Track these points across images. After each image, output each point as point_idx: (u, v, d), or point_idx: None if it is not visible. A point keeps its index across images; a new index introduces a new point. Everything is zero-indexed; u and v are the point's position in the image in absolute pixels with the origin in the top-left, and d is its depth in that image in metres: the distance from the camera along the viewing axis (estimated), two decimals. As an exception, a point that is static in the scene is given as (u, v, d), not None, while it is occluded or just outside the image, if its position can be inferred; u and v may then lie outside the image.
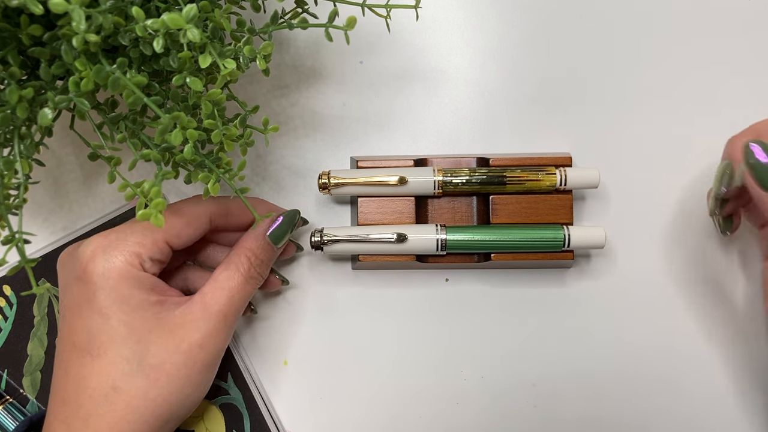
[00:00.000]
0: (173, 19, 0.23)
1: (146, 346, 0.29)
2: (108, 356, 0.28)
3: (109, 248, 0.29)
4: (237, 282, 0.31)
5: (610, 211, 0.39)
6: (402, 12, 0.31)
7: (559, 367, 0.38)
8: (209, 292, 0.31)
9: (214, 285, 0.31)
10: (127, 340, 0.29)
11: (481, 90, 0.40)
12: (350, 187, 0.36)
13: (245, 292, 0.32)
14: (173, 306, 0.30)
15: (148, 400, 0.28)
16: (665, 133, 0.39)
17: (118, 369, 0.28)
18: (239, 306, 0.32)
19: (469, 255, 0.36)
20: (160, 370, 0.29)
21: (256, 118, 0.36)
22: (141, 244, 0.30)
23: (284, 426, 0.37)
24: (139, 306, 0.29)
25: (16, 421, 0.35)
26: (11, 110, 0.24)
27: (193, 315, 0.30)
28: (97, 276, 0.29)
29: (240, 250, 0.32)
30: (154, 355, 0.29)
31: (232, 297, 0.31)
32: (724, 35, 0.39)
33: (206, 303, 0.30)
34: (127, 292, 0.29)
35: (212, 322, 0.30)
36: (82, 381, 0.28)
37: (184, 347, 0.29)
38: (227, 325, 0.31)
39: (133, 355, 0.29)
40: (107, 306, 0.29)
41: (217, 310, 0.30)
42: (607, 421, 0.37)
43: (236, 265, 0.32)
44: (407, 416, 0.38)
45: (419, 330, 0.38)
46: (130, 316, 0.29)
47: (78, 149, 0.39)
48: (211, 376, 0.32)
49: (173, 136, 0.25)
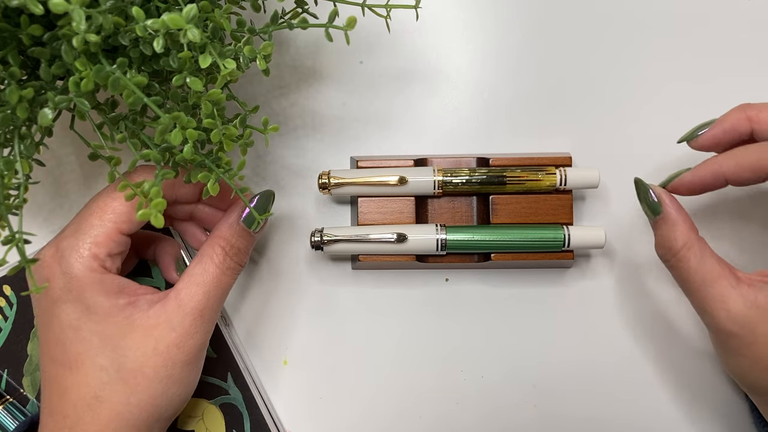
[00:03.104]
0: (173, 19, 0.23)
1: (122, 352, 0.28)
2: (85, 367, 0.28)
3: (63, 258, 0.28)
4: (212, 275, 0.30)
5: (610, 211, 0.39)
6: (402, 12, 0.31)
7: (559, 367, 0.38)
8: (183, 288, 0.30)
9: (188, 280, 0.30)
10: (102, 349, 0.28)
11: (481, 90, 0.40)
12: (350, 187, 0.36)
13: (222, 285, 0.31)
14: (146, 305, 0.29)
15: (131, 405, 0.28)
16: (665, 133, 0.39)
17: (97, 378, 0.28)
18: (217, 299, 0.30)
19: (469, 255, 0.36)
20: (139, 374, 0.28)
21: (256, 118, 0.36)
22: (95, 243, 0.28)
23: (284, 426, 0.37)
24: (108, 313, 0.28)
25: (16, 421, 0.35)
26: (11, 110, 0.24)
27: (167, 314, 0.29)
28: (59, 290, 0.28)
29: (213, 240, 0.31)
30: (132, 360, 0.28)
31: (208, 291, 0.30)
32: (725, 36, 0.39)
33: (181, 300, 0.29)
34: (93, 300, 0.28)
35: (188, 320, 0.29)
36: (65, 392, 0.28)
37: (161, 348, 0.29)
38: (204, 321, 0.30)
39: (110, 363, 0.28)
40: (75, 318, 0.28)
41: (192, 307, 0.29)
42: (607, 421, 0.37)
43: (210, 257, 0.30)
44: (407, 416, 0.38)
45: (419, 330, 0.38)
46: (101, 325, 0.28)
47: (78, 149, 0.39)
48: (195, 371, 0.31)
49: (173, 136, 0.25)
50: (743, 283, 0.30)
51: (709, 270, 0.30)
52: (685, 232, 0.31)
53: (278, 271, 0.38)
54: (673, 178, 0.33)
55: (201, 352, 0.31)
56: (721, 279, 0.30)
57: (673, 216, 0.31)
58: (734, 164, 0.30)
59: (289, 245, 0.39)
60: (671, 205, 0.31)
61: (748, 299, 0.29)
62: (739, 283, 0.30)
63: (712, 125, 0.32)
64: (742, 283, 0.30)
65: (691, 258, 0.30)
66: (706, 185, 0.32)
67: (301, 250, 0.39)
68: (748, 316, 0.29)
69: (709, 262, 0.30)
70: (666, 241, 0.31)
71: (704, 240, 0.31)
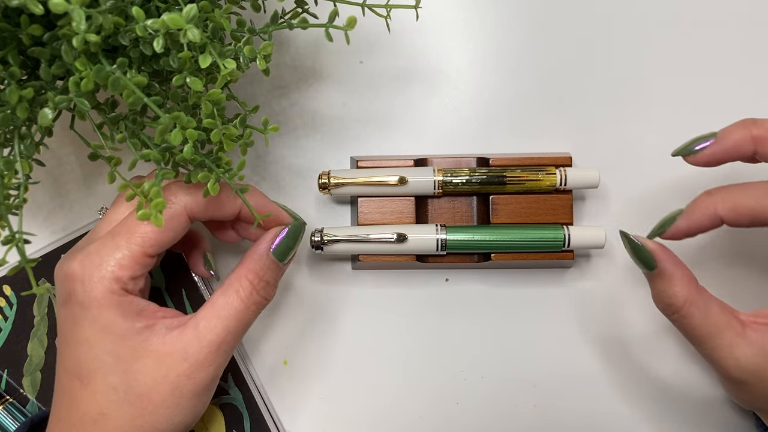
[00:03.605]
0: (173, 19, 0.23)
1: (133, 375, 0.28)
2: (96, 384, 0.28)
3: (86, 276, 0.28)
4: (235, 309, 0.29)
5: (610, 211, 0.39)
6: (402, 12, 0.31)
7: (559, 367, 0.38)
8: (203, 319, 0.29)
9: (210, 311, 0.29)
10: (114, 369, 0.28)
11: (481, 90, 0.40)
12: (350, 187, 0.36)
13: (245, 320, 0.30)
14: (163, 331, 0.29)
15: (135, 427, 0.28)
16: (665, 133, 0.39)
17: (105, 396, 0.28)
18: (237, 335, 0.29)
19: (469, 255, 0.36)
20: (147, 399, 0.28)
21: (256, 118, 0.36)
22: (119, 265, 0.28)
23: (284, 426, 0.37)
24: (124, 335, 0.28)
25: (16, 421, 0.35)
26: (11, 110, 0.24)
27: (183, 344, 0.28)
28: (78, 306, 0.28)
29: (241, 272, 0.30)
30: (141, 384, 0.28)
31: (228, 326, 0.29)
32: (725, 36, 0.39)
33: (199, 331, 0.28)
34: (111, 321, 0.28)
35: (203, 353, 0.28)
36: (74, 403, 0.28)
37: (172, 377, 0.28)
38: (220, 355, 0.29)
39: (119, 383, 0.28)
40: (91, 336, 0.28)
41: (210, 340, 0.28)
42: (607, 421, 0.37)
43: (236, 290, 0.29)
44: (407, 416, 0.38)
45: (419, 330, 0.38)
46: (115, 345, 0.28)
47: (78, 149, 0.39)
48: (203, 401, 0.30)
49: (173, 136, 0.25)
50: (748, 329, 0.29)
51: (714, 323, 0.29)
52: (685, 286, 0.29)
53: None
54: (665, 225, 0.30)
55: (212, 384, 0.30)
56: (727, 329, 0.28)
57: (669, 271, 0.29)
58: (731, 208, 0.29)
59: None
60: (667, 259, 0.30)
61: (755, 346, 0.28)
62: (744, 329, 0.29)
63: (713, 141, 0.30)
64: (748, 328, 0.29)
65: (694, 314, 0.29)
66: (702, 229, 0.30)
67: (301, 250, 0.39)
68: (757, 363, 0.28)
69: (714, 314, 0.29)
70: (665, 297, 0.30)
71: (705, 290, 0.30)
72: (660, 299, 0.30)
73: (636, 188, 0.39)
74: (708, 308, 0.29)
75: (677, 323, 0.30)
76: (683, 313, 0.29)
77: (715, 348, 0.29)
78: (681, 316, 0.29)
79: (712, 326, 0.29)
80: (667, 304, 0.30)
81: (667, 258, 0.30)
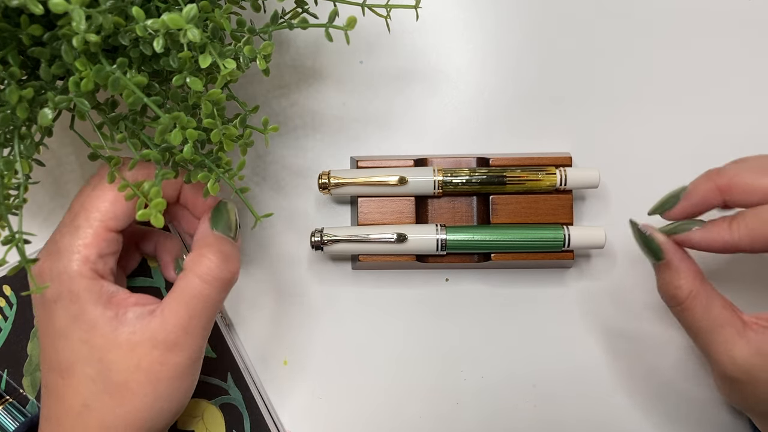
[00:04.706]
0: (173, 19, 0.23)
1: (107, 365, 0.28)
2: (76, 376, 0.28)
3: (54, 264, 0.28)
4: (194, 289, 0.29)
5: (610, 211, 0.39)
6: (402, 12, 0.31)
7: (559, 367, 0.38)
8: (167, 303, 0.29)
9: (172, 295, 0.29)
10: (90, 360, 0.28)
11: (481, 90, 0.40)
12: (350, 187, 0.36)
13: (208, 298, 0.29)
14: (132, 319, 0.28)
15: (118, 417, 0.28)
16: (665, 133, 0.39)
17: (86, 388, 0.28)
18: (203, 313, 0.29)
19: (469, 255, 0.36)
20: (125, 388, 0.28)
21: (256, 118, 0.36)
22: (84, 244, 0.28)
23: (284, 426, 0.37)
24: (96, 323, 0.28)
25: (15, 421, 0.35)
26: (11, 110, 0.24)
27: (151, 331, 0.28)
28: (51, 297, 0.28)
29: (195, 252, 0.30)
30: (116, 373, 0.28)
31: (192, 307, 0.28)
32: (725, 36, 0.39)
33: (164, 316, 0.28)
34: (82, 308, 0.28)
35: (171, 337, 0.28)
36: (59, 398, 0.28)
37: (144, 365, 0.28)
38: (190, 337, 0.28)
39: (97, 374, 0.28)
40: (66, 326, 0.28)
41: (174, 324, 0.28)
42: (607, 422, 0.37)
43: (191, 270, 0.29)
44: (407, 416, 0.38)
45: (419, 330, 0.38)
46: (89, 334, 0.28)
47: (78, 149, 0.39)
48: (185, 384, 0.30)
49: (173, 136, 0.25)
50: (749, 329, 0.29)
51: (715, 318, 0.29)
52: (690, 280, 0.30)
53: (278, 271, 0.38)
54: (679, 230, 0.31)
55: (191, 367, 0.29)
56: (727, 326, 0.29)
57: (675, 263, 0.30)
58: (749, 238, 0.28)
59: (289, 245, 0.39)
60: (674, 252, 0.30)
61: (753, 346, 0.28)
62: (745, 329, 0.29)
63: (682, 198, 0.31)
64: (748, 328, 0.29)
65: (696, 307, 0.29)
66: (712, 249, 0.30)
67: (302, 250, 0.39)
68: (753, 363, 0.28)
69: (716, 309, 0.29)
70: (670, 289, 0.30)
71: (710, 285, 0.30)
72: (665, 290, 0.31)
73: (636, 188, 0.39)
74: (711, 303, 0.29)
75: (679, 315, 0.30)
76: (686, 305, 0.29)
77: (713, 343, 0.29)
78: (683, 308, 0.30)
79: (713, 321, 0.29)
80: (671, 296, 0.30)
81: (675, 250, 0.30)
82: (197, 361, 0.30)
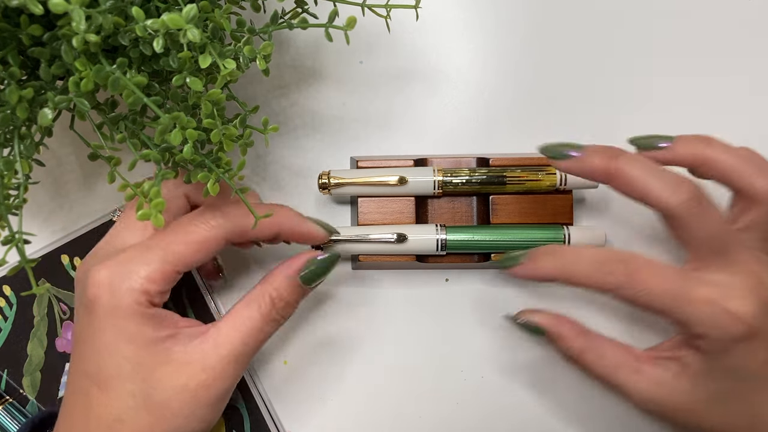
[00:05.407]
0: (173, 19, 0.23)
1: (152, 383, 0.28)
2: (114, 390, 0.28)
3: (115, 285, 0.28)
4: (255, 323, 0.30)
5: (610, 211, 0.39)
6: (402, 12, 0.31)
7: (560, 367, 0.38)
8: (224, 330, 0.29)
9: (230, 322, 0.30)
10: (134, 377, 0.28)
11: (481, 90, 0.40)
12: (350, 187, 0.36)
13: (263, 335, 0.30)
14: (185, 340, 0.29)
15: None
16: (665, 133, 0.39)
17: (123, 403, 0.28)
18: (253, 348, 0.30)
19: (469, 255, 0.36)
20: (166, 407, 0.28)
21: (256, 118, 0.36)
22: (149, 279, 0.28)
23: (284, 426, 0.37)
24: (147, 344, 0.28)
25: (15, 421, 0.35)
26: (11, 110, 0.24)
27: (203, 353, 0.29)
28: (104, 312, 0.28)
29: (265, 288, 0.31)
30: (160, 392, 0.28)
31: (246, 340, 0.29)
32: (725, 35, 0.39)
33: (218, 343, 0.29)
34: (134, 329, 0.28)
35: (222, 364, 0.29)
36: (89, 409, 0.28)
37: (191, 386, 0.28)
38: (237, 367, 0.30)
39: (139, 391, 0.28)
40: (113, 343, 0.28)
41: (228, 352, 0.29)
42: (607, 422, 0.37)
43: (258, 305, 0.30)
44: (407, 416, 0.38)
45: (419, 330, 0.38)
46: (137, 353, 0.28)
47: (78, 149, 0.39)
48: (216, 412, 0.30)
49: (173, 136, 0.25)
50: (644, 364, 0.31)
51: (608, 364, 0.31)
52: (574, 340, 0.32)
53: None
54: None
55: (226, 395, 0.30)
56: (622, 368, 0.31)
57: (556, 334, 0.32)
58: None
59: (290, 245, 0.39)
60: (552, 324, 0.33)
61: (651, 380, 0.30)
62: (639, 365, 0.31)
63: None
64: (643, 363, 0.31)
65: (591, 359, 0.32)
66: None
67: (301, 250, 0.38)
68: (654, 393, 0.30)
69: (608, 356, 0.31)
70: (564, 354, 0.33)
71: (597, 334, 0.32)
72: (562, 356, 0.33)
73: (636, 188, 0.39)
74: (601, 352, 0.32)
75: (582, 370, 0.33)
76: (581, 362, 0.32)
77: (618, 385, 0.31)
78: (580, 364, 0.32)
79: (608, 367, 0.31)
80: (567, 358, 0.33)
81: (552, 323, 0.33)
82: (231, 392, 0.31)
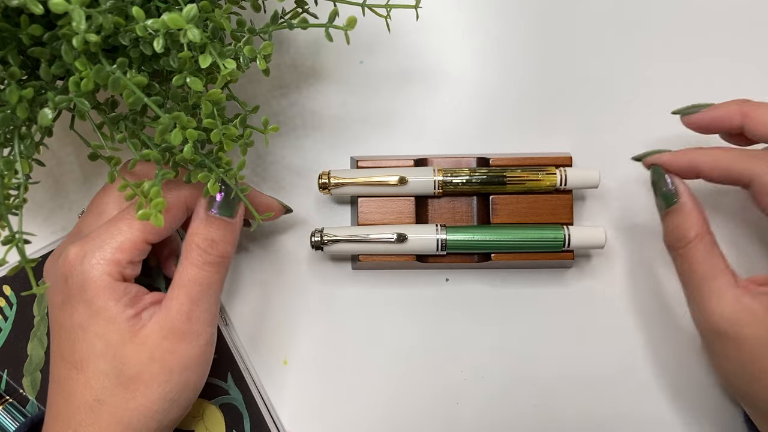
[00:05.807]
0: (173, 19, 0.23)
1: (122, 360, 0.28)
2: (89, 370, 0.28)
3: (86, 258, 0.28)
4: (191, 275, 0.29)
5: (610, 211, 0.39)
6: (402, 12, 0.31)
7: (559, 367, 0.38)
8: (170, 294, 0.30)
9: (175, 284, 0.30)
10: (105, 355, 0.28)
11: (481, 90, 0.40)
12: (350, 187, 0.36)
13: (204, 283, 0.30)
14: (147, 316, 0.29)
15: (130, 410, 0.28)
16: (665, 133, 0.39)
17: (99, 382, 0.28)
18: (203, 299, 0.30)
19: (469, 255, 0.36)
20: (138, 380, 0.28)
21: (256, 118, 0.36)
22: (120, 249, 0.29)
23: (284, 426, 0.37)
24: (114, 319, 0.28)
25: (15, 422, 0.35)
26: (11, 110, 0.24)
27: (159, 323, 0.29)
28: (76, 288, 0.28)
29: (187, 239, 0.30)
30: (130, 367, 0.28)
31: (190, 294, 0.29)
32: (725, 35, 0.39)
33: (168, 307, 0.29)
34: (103, 304, 0.28)
35: (177, 324, 0.29)
36: (71, 393, 0.29)
37: (156, 356, 0.29)
38: (195, 324, 0.29)
39: (111, 368, 0.28)
40: (85, 319, 0.28)
41: (177, 311, 0.29)
42: (607, 421, 0.37)
43: (186, 257, 0.30)
44: (407, 416, 0.38)
45: (419, 330, 0.38)
46: (105, 329, 0.28)
47: (78, 149, 0.39)
48: (197, 374, 0.30)
49: (173, 136, 0.25)
50: (740, 286, 0.30)
51: (713, 264, 0.31)
52: (700, 222, 0.31)
53: (278, 271, 0.38)
54: (651, 154, 0.34)
55: (200, 357, 0.30)
56: (722, 276, 0.30)
57: (688, 206, 0.32)
58: (709, 162, 0.32)
59: (289, 245, 0.39)
60: (687, 194, 0.32)
61: (742, 301, 0.29)
62: (737, 283, 0.30)
63: (707, 109, 0.33)
64: (740, 285, 0.30)
65: (700, 250, 0.31)
66: (679, 172, 0.33)
67: (301, 250, 0.39)
68: (739, 317, 0.29)
69: (716, 256, 0.31)
70: (679, 231, 0.32)
71: (714, 235, 0.32)
72: (673, 233, 0.32)
73: (636, 188, 0.39)
74: (713, 249, 0.31)
75: (680, 257, 0.32)
76: (691, 245, 0.31)
77: (704, 291, 0.30)
78: (687, 249, 0.31)
79: (711, 268, 0.30)
80: (680, 237, 0.31)
81: (689, 194, 0.32)
82: (206, 351, 0.31)
